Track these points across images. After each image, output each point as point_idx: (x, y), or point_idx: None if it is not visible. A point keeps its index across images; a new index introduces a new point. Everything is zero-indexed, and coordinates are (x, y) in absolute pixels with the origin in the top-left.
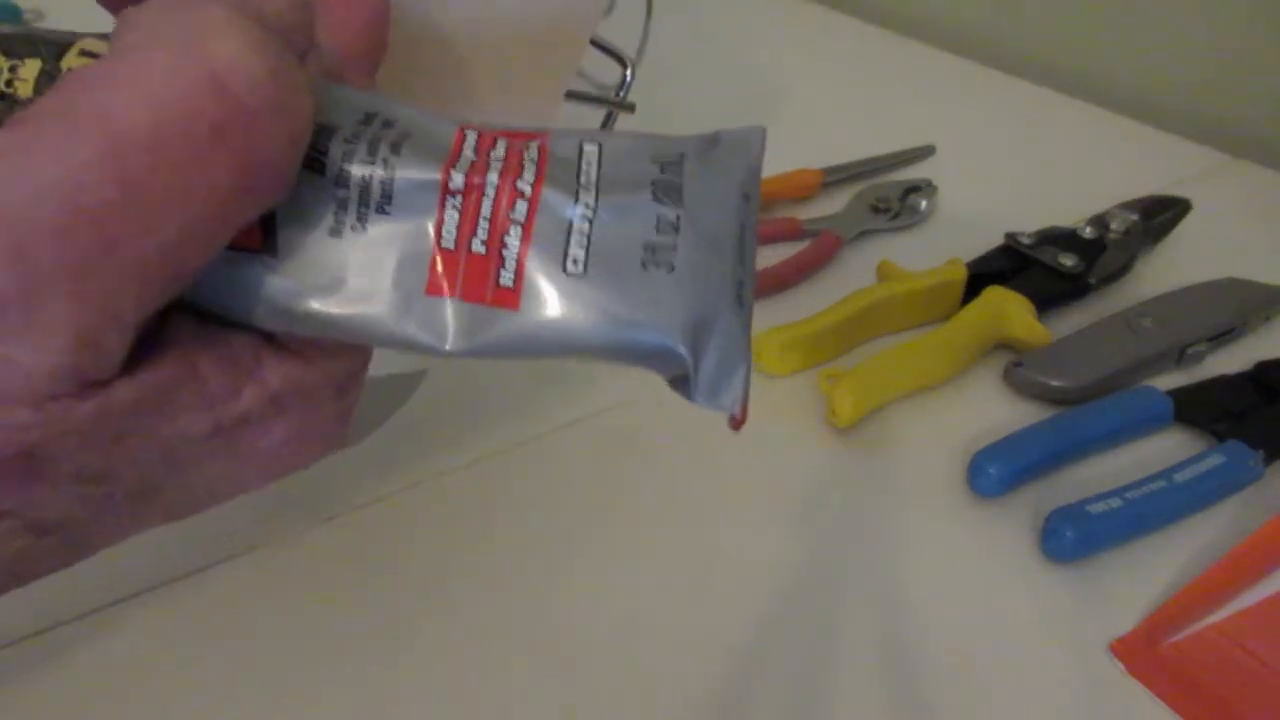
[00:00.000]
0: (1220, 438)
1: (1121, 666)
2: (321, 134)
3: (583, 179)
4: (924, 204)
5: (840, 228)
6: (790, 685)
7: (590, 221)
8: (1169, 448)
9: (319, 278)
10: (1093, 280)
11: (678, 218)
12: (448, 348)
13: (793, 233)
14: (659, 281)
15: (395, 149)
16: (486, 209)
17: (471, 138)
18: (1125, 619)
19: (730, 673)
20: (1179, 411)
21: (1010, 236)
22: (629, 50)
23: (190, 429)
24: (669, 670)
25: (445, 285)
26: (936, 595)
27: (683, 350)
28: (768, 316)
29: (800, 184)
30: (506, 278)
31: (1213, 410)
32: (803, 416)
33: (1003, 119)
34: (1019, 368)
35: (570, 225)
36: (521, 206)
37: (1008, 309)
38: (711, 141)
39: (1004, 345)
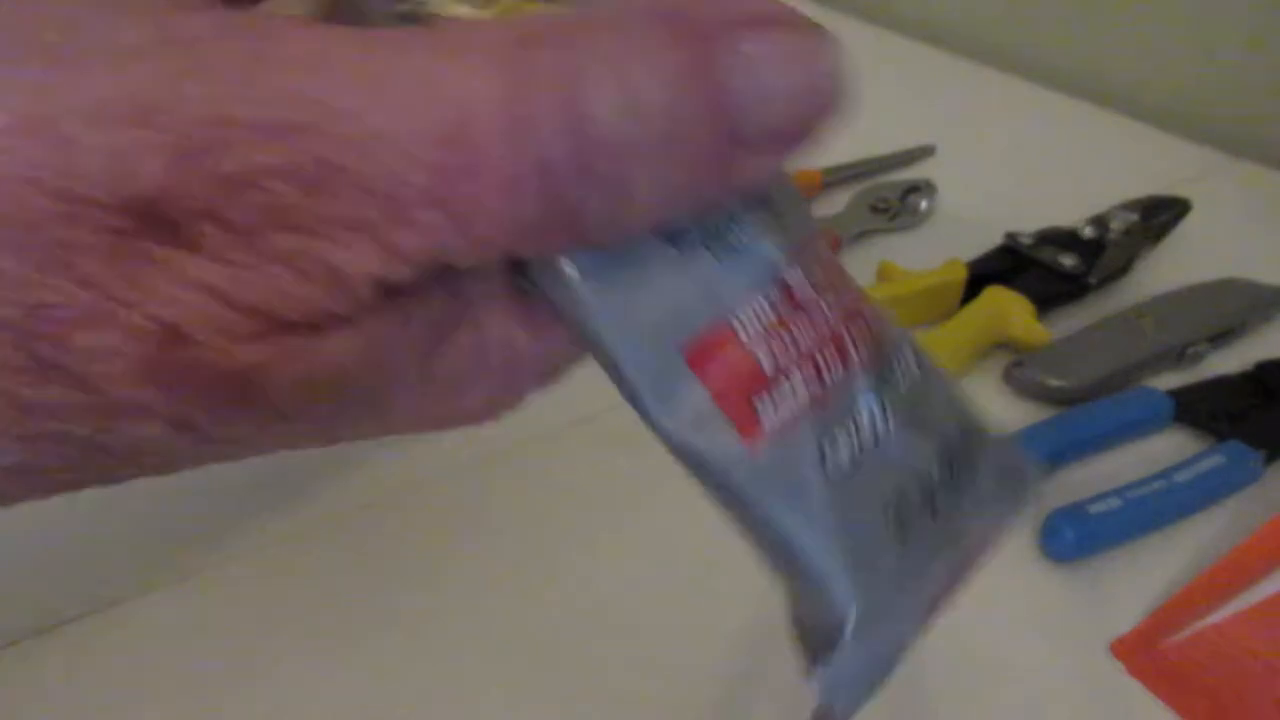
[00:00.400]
0: (1220, 438)
1: (1121, 666)
2: None
3: (894, 384)
4: (924, 204)
5: (840, 228)
6: (790, 685)
7: (877, 436)
8: (1169, 448)
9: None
10: (1093, 280)
11: (943, 499)
12: (661, 417)
13: None
14: (885, 545)
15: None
16: (804, 332)
17: (824, 251)
18: (1125, 619)
19: (730, 672)
20: (1179, 411)
21: (1010, 236)
22: None
23: (407, 375)
24: (668, 669)
25: (704, 363)
26: None
27: (847, 628)
28: None
29: (800, 184)
30: (768, 412)
31: (1213, 410)
32: None
33: (1003, 119)
34: (1019, 368)
35: (857, 422)
36: (835, 362)
37: (1008, 309)
38: (1008, 451)
39: (1004, 345)
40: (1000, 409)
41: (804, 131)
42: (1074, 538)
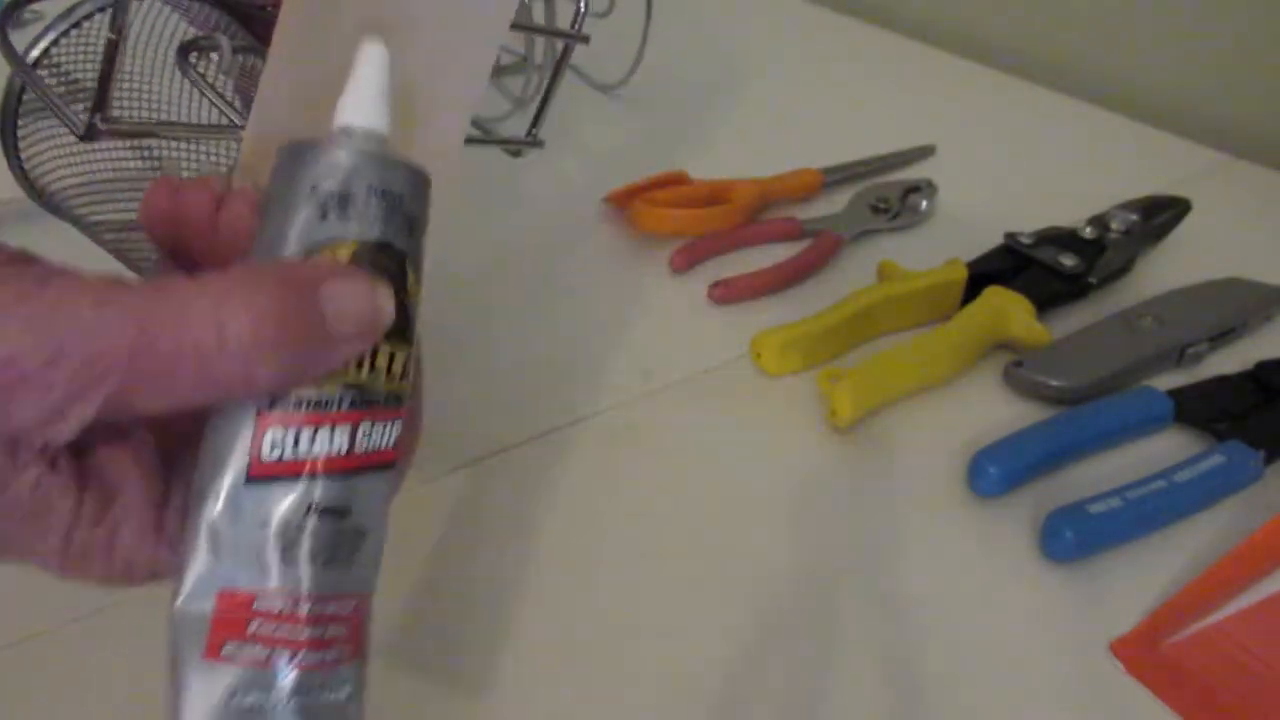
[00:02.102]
0: (1220, 438)
1: (1121, 666)
2: None
3: (316, 692)
4: (924, 204)
5: (840, 228)
6: (790, 684)
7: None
8: (1169, 448)
9: None
10: (1093, 280)
11: None
12: (179, 603)
13: (793, 233)
14: None
15: None
16: (278, 629)
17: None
18: (1125, 619)
19: (730, 672)
20: (1179, 411)
21: (1010, 236)
22: (628, 50)
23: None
24: (668, 669)
25: (227, 606)
26: (936, 594)
27: None
28: (768, 316)
29: (800, 184)
30: (228, 651)
31: (1213, 410)
32: (803, 416)
33: (1003, 119)
34: (1019, 368)
35: (272, 697)
36: (282, 654)
37: (1008, 309)
38: None
39: (1004, 345)
40: (1000, 409)
41: (368, 331)
42: (1074, 538)
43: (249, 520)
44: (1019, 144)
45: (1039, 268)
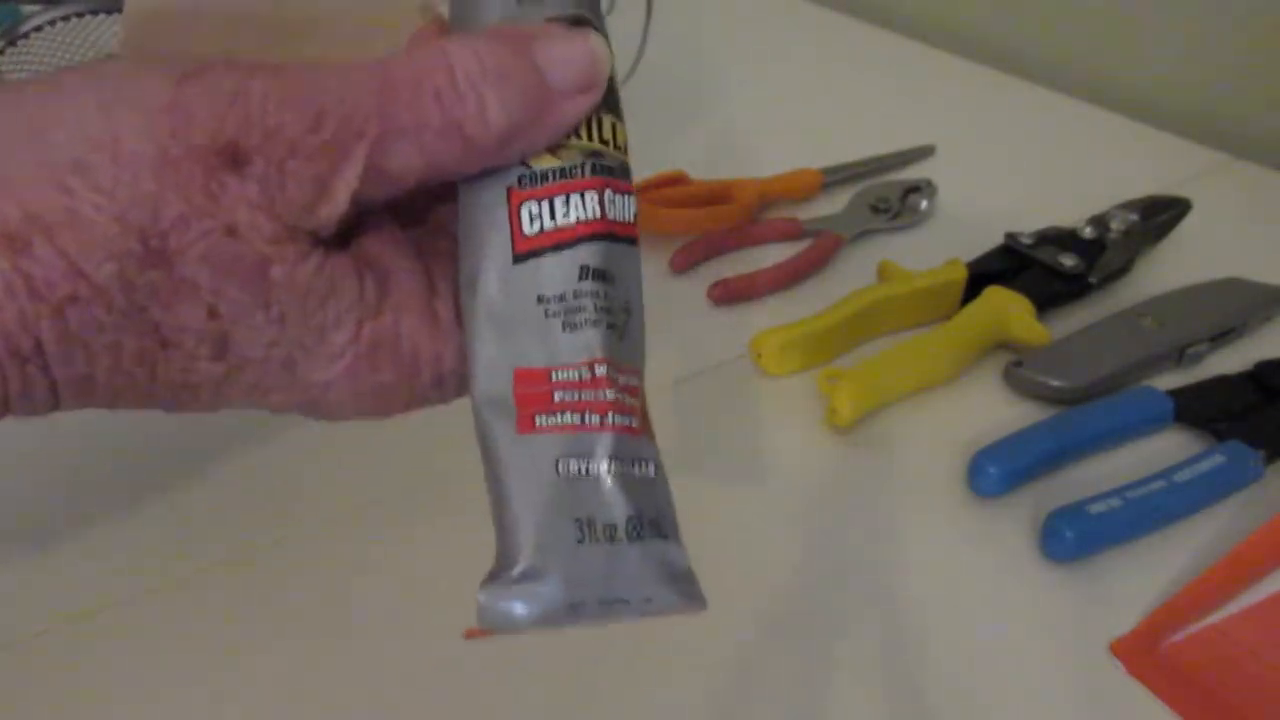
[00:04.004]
0: (1220, 438)
1: (1121, 666)
2: None
3: (626, 460)
4: (924, 204)
5: (840, 228)
6: (790, 684)
7: (601, 478)
8: (1169, 448)
9: None
10: (1093, 280)
11: (625, 547)
12: (478, 392)
13: (793, 233)
14: (574, 539)
15: None
16: (587, 394)
17: None
18: (1125, 619)
19: (730, 672)
20: (1179, 411)
21: (1010, 236)
22: (629, 50)
23: (336, 335)
24: (668, 669)
25: (522, 381)
26: (936, 595)
27: (517, 568)
28: (768, 316)
29: (800, 184)
30: (540, 422)
31: (1213, 410)
32: (803, 416)
33: (1003, 119)
34: (1019, 368)
35: (594, 458)
36: (594, 417)
37: (1008, 309)
38: (679, 561)
39: (1004, 345)
40: (1000, 409)
41: (589, 82)
42: (1074, 538)
43: (526, 296)
44: (1019, 144)
45: (1039, 268)
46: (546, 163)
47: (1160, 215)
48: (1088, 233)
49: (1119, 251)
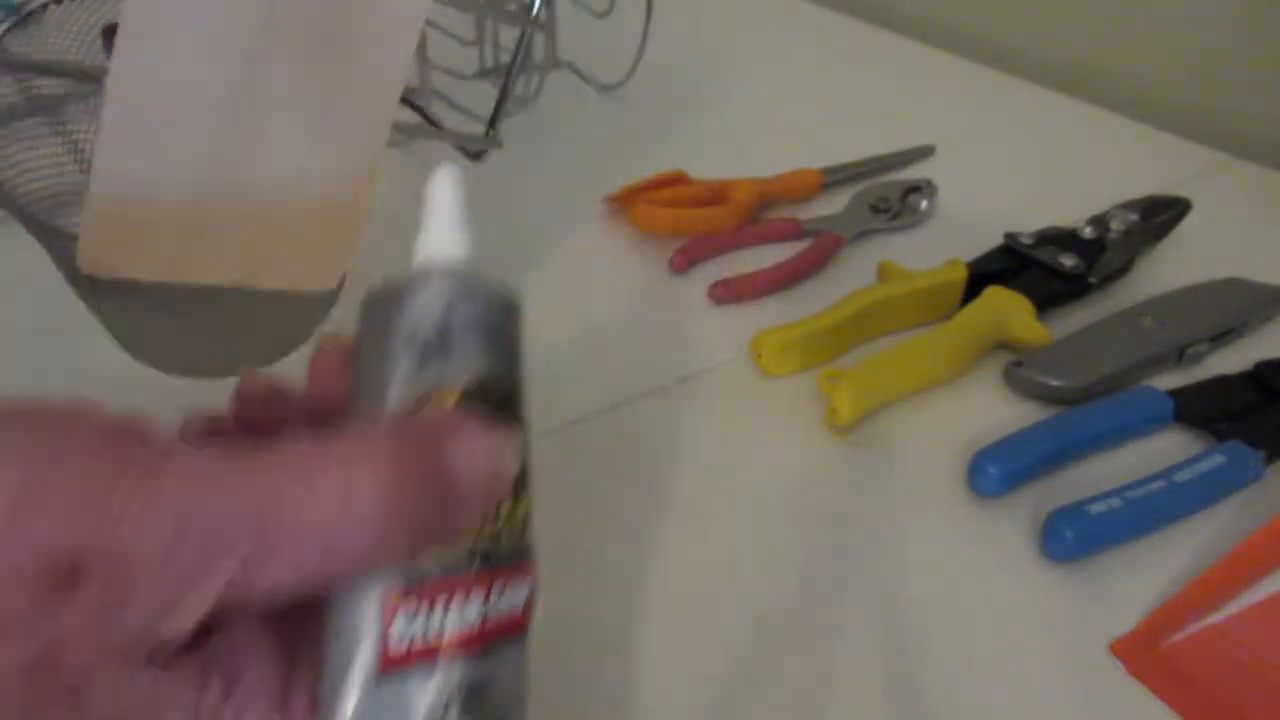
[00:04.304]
0: (1220, 438)
1: (1121, 666)
2: None
3: None
4: (924, 204)
5: (840, 228)
6: (790, 684)
7: None
8: (1169, 448)
9: None
10: (1093, 280)
11: None
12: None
13: (793, 233)
14: None
15: None
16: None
17: None
18: (1125, 619)
19: (729, 672)
20: (1179, 411)
21: (1010, 236)
22: (629, 50)
23: None
24: (668, 670)
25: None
26: (936, 595)
27: None
28: (768, 316)
29: (800, 184)
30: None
31: (1213, 410)
32: (803, 416)
33: (1003, 119)
34: (1019, 368)
35: None
36: None
37: (1008, 309)
38: None
39: (1004, 345)
40: (1000, 409)
41: (496, 485)
42: (1074, 538)
43: (386, 717)
44: (1019, 144)
45: (1039, 268)
46: (431, 561)
47: (1160, 215)
48: (1088, 233)
49: (1119, 251)
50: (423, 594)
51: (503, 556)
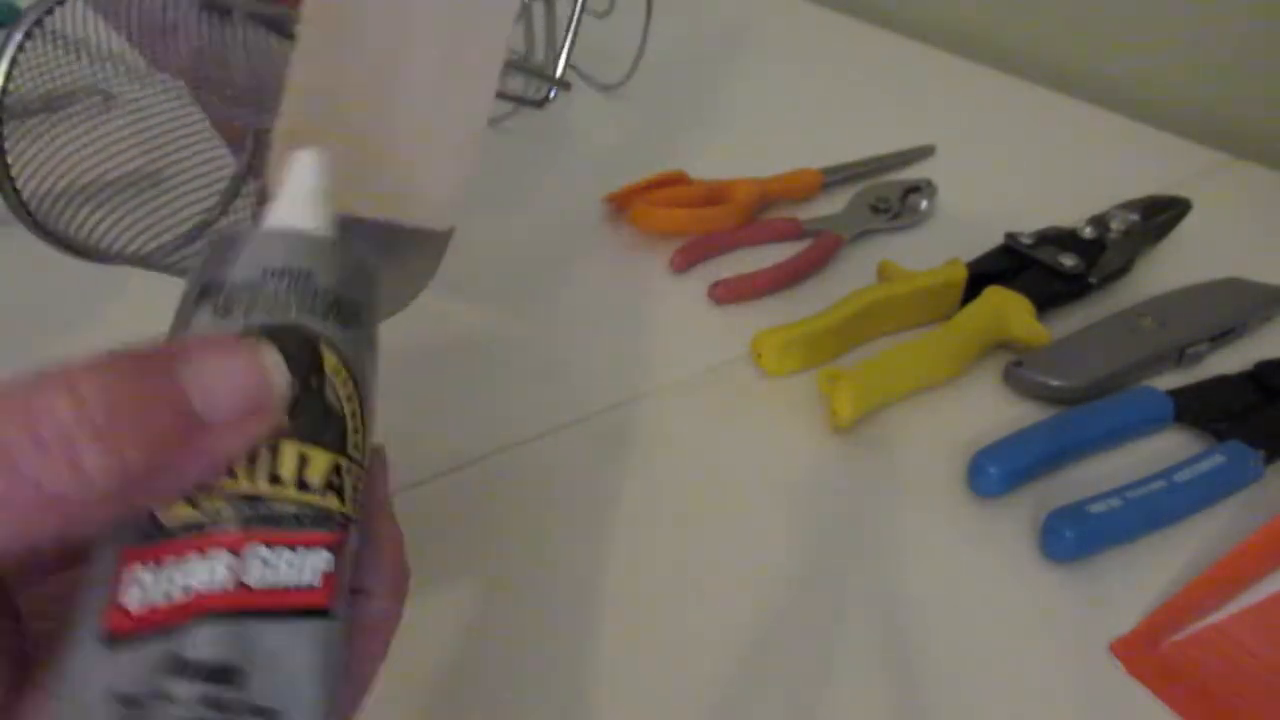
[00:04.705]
0: (1220, 438)
1: (1121, 666)
2: None
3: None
4: (924, 204)
5: (840, 228)
6: (790, 684)
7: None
8: (1169, 448)
9: None
10: (1093, 280)
11: None
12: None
13: (793, 233)
14: None
15: None
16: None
17: None
18: (1125, 619)
19: (729, 672)
20: (1179, 411)
21: (1010, 236)
22: (629, 50)
23: None
24: (668, 670)
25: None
26: (936, 595)
27: None
28: (768, 316)
29: (800, 184)
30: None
31: (1213, 410)
32: (803, 416)
33: (1003, 119)
34: (1019, 368)
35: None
36: None
37: (1008, 309)
38: None
39: (1004, 345)
40: (1000, 409)
41: (252, 412)
42: (1074, 538)
43: (98, 696)
44: (1019, 144)
45: (1039, 268)
46: (178, 515)
47: (1160, 215)
48: (1088, 233)
49: (1119, 251)
50: (165, 550)
51: (279, 517)
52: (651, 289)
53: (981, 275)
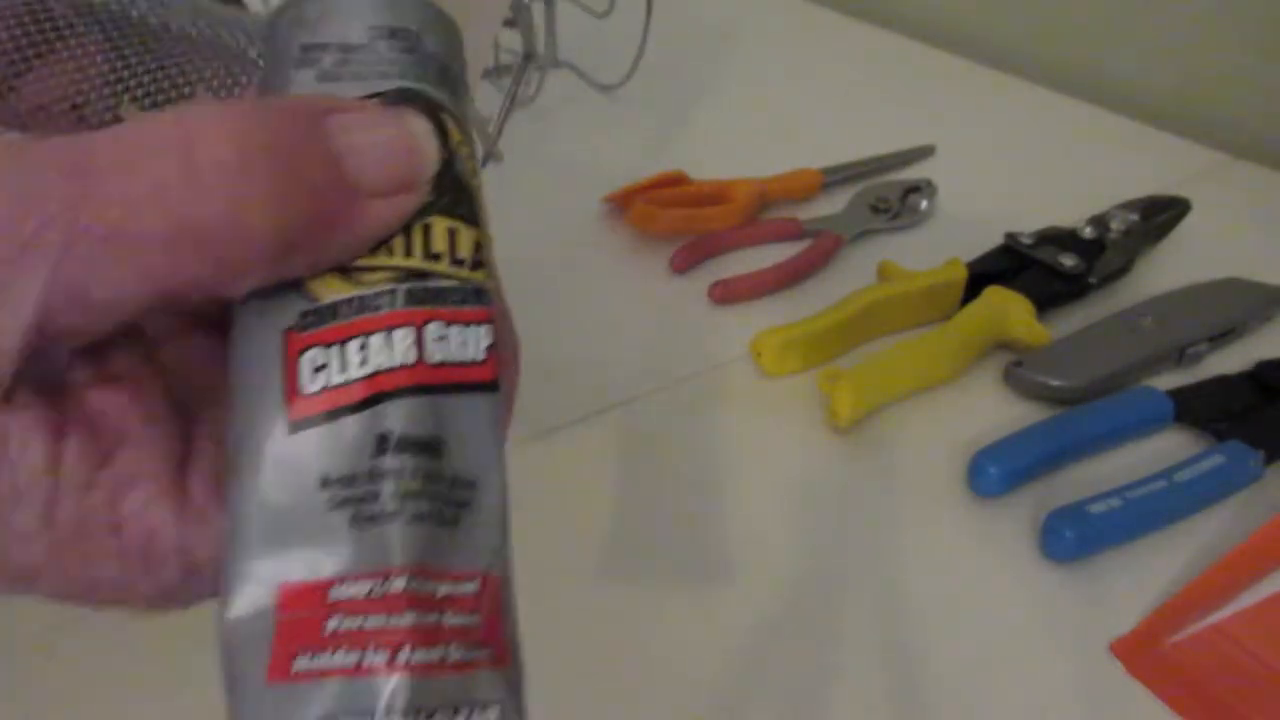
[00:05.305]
0: (1220, 438)
1: (1121, 666)
2: None
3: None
4: (924, 204)
5: (840, 228)
6: (790, 684)
7: None
8: (1169, 448)
9: None
10: (1093, 280)
11: None
12: (230, 610)
13: (793, 233)
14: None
15: None
16: (371, 620)
17: None
18: (1125, 619)
19: (730, 672)
20: (1179, 411)
21: (1010, 236)
22: (629, 50)
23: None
24: (668, 669)
25: (289, 603)
26: (936, 595)
27: None
28: (768, 316)
29: (800, 184)
30: (300, 664)
31: (1213, 410)
32: (803, 416)
33: (1003, 119)
34: (1019, 368)
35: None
36: (376, 655)
37: (1008, 309)
38: None
39: (1004, 345)
40: (1000, 409)
41: (405, 178)
42: (1074, 538)
43: (305, 478)
44: (1019, 144)
45: (1039, 268)
46: (339, 291)
47: (1160, 215)
48: (1088, 233)
49: (1119, 251)
50: (335, 330)
51: (442, 292)
52: (651, 289)
53: (981, 275)
